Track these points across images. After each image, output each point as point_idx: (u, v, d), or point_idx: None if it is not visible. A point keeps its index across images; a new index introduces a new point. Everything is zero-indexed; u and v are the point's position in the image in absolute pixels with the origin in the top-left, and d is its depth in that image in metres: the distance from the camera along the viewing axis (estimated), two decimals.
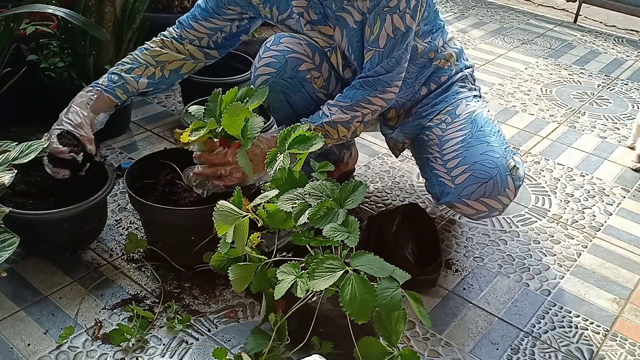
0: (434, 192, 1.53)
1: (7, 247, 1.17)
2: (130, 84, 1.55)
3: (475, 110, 1.53)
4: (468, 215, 1.48)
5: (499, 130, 1.50)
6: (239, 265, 1.16)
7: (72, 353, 1.28)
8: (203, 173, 1.38)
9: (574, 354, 1.39)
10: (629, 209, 1.95)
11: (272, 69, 1.47)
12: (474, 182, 1.40)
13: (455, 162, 1.44)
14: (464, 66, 1.63)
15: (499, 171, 1.40)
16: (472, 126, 1.48)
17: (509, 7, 3.93)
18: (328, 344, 1.22)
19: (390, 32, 1.38)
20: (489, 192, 1.40)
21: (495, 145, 1.44)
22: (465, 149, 1.44)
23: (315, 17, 1.47)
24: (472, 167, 1.41)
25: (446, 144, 1.48)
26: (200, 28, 1.57)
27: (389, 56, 1.40)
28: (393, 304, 1.03)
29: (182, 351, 1.30)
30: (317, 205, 1.11)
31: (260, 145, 1.38)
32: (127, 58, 1.58)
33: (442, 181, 1.47)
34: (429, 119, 1.56)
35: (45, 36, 1.93)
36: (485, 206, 1.43)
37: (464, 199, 1.43)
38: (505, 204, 1.44)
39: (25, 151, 1.36)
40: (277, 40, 1.49)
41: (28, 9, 1.60)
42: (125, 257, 1.55)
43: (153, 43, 1.59)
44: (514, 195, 1.44)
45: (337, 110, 1.42)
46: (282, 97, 1.50)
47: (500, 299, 1.53)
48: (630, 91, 2.80)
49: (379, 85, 1.42)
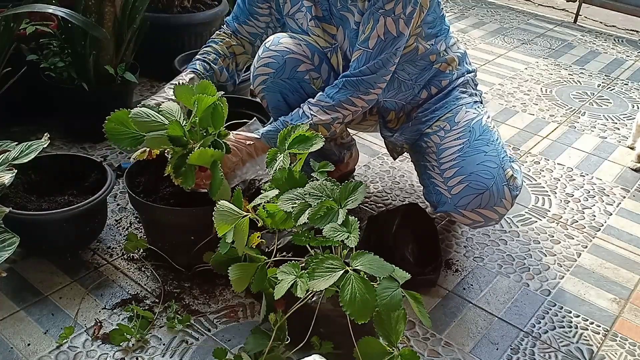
0: (431, 200, 1.53)
1: (7, 247, 1.17)
2: (216, 75, 1.59)
3: (474, 118, 1.52)
4: (465, 224, 1.49)
5: (497, 139, 1.50)
6: (239, 265, 1.16)
7: (72, 353, 1.28)
8: None
9: (574, 354, 1.39)
10: (628, 209, 1.95)
11: (270, 69, 1.48)
12: (470, 192, 1.41)
13: (452, 172, 1.44)
14: (466, 70, 1.62)
15: (495, 182, 1.40)
16: (471, 135, 1.48)
17: (509, 7, 3.93)
18: (328, 344, 1.22)
19: (381, 34, 1.38)
20: (484, 203, 1.40)
21: (492, 155, 1.44)
22: (462, 159, 1.44)
23: (321, 14, 1.48)
24: (468, 178, 1.41)
25: (444, 152, 1.48)
26: (243, 31, 1.62)
27: (377, 58, 1.39)
28: (393, 304, 1.03)
29: (182, 351, 1.30)
30: (317, 205, 1.11)
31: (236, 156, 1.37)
32: (207, 48, 1.61)
33: (439, 190, 1.48)
34: (428, 125, 1.55)
35: (45, 36, 1.93)
36: (481, 217, 1.43)
37: (460, 209, 1.43)
38: (501, 214, 1.44)
39: (25, 151, 1.36)
40: (277, 41, 1.49)
41: (28, 9, 1.60)
42: (125, 257, 1.55)
43: (220, 35, 1.63)
44: (510, 205, 1.44)
45: (319, 110, 1.42)
46: (280, 97, 1.50)
47: (500, 299, 1.53)
48: (630, 91, 2.80)
49: (362, 86, 1.42)
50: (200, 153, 1.24)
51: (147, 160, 1.55)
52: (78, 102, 1.94)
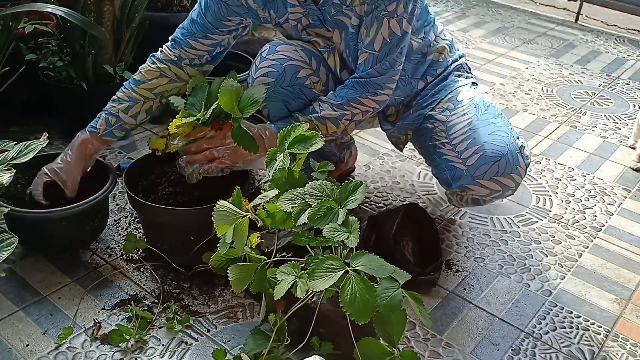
0: (445, 177, 1.52)
1: (5, 247, 1.16)
2: (129, 123, 1.52)
3: (475, 95, 1.54)
4: (482, 196, 1.48)
5: (501, 113, 1.51)
6: (238, 265, 1.16)
7: (71, 353, 1.27)
8: (196, 159, 1.40)
9: (575, 354, 1.38)
10: (630, 209, 1.94)
11: (270, 78, 1.45)
12: (486, 161, 1.41)
13: (465, 145, 1.44)
14: (458, 56, 1.64)
15: (509, 149, 1.40)
16: (477, 110, 1.49)
17: (510, 6, 3.92)
18: (328, 344, 1.21)
19: (386, 37, 1.38)
20: (502, 170, 1.40)
21: (502, 125, 1.45)
22: (473, 131, 1.45)
23: (312, 22, 1.46)
24: (482, 147, 1.41)
25: (453, 128, 1.48)
26: (200, 46, 1.50)
27: (383, 59, 1.40)
28: (393, 304, 1.03)
29: (181, 352, 1.30)
30: (317, 205, 1.10)
31: (252, 130, 1.39)
32: (122, 94, 1.51)
33: (453, 165, 1.47)
34: (430, 107, 1.56)
35: (44, 35, 1.93)
36: (500, 185, 1.43)
37: (477, 179, 1.42)
38: (517, 182, 1.45)
39: (24, 151, 1.35)
40: (273, 49, 1.47)
41: (27, 8, 1.60)
42: (125, 257, 1.54)
43: (148, 73, 1.51)
44: (524, 172, 1.45)
45: (327, 107, 1.43)
46: (283, 105, 1.49)
47: (501, 300, 1.53)
48: (632, 91, 2.79)
49: (370, 87, 1.42)
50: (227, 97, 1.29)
51: (148, 160, 1.56)
52: (77, 101, 1.94)
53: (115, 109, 1.51)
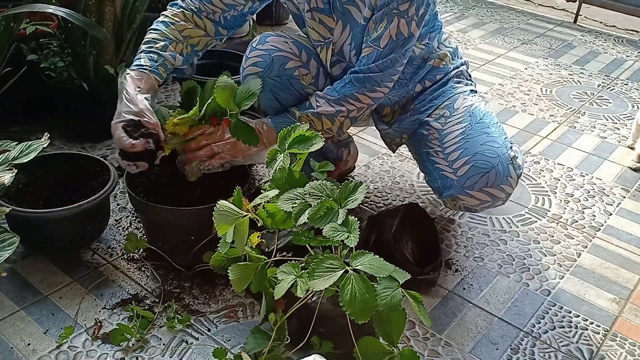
0: (436, 186, 1.53)
1: (7, 247, 1.17)
2: (169, 61, 1.48)
3: (473, 103, 1.54)
4: (472, 206, 1.48)
5: (497, 122, 1.51)
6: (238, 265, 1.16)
7: (72, 353, 1.28)
8: (196, 156, 1.40)
9: (574, 354, 1.39)
10: (628, 209, 1.95)
11: (258, 68, 1.48)
12: (476, 172, 1.41)
13: (457, 155, 1.45)
14: (460, 63, 1.65)
15: (500, 160, 1.41)
16: (471, 119, 1.49)
17: (509, 7, 3.93)
18: (328, 343, 1.22)
19: (393, 35, 1.38)
20: (491, 181, 1.41)
21: (495, 135, 1.45)
22: (466, 141, 1.45)
23: (321, 5, 1.47)
24: (473, 158, 1.42)
25: (446, 137, 1.49)
26: (218, 3, 1.50)
27: (386, 57, 1.41)
28: (393, 303, 1.03)
29: (182, 351, 1.30)
30: (317, 205, 1.11)
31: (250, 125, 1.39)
32: (154, 34, 1.48)
33: (444, 174, 1.48)
34: (427, 113, 1.56)
35: (45, 36, 1.93)
36: (489, 196, 1.43)
37: (467, 190, 1.43)
38: (508, 193, 1.45)
39: (25, 151, 1.36)
40: (263, 40, 1.50)
41: (28, 9, 1.60)
42: (125, 256, 1.55)
43: (174, 16, 1.50)
44: (515, 183, 1.45)
45: (324, 102, 1.44)
46: (271, 95, 1.50)
47: (500, 299, 1.53)
48: (630, 91, 2.80)
49: (368, 83, 1.43)
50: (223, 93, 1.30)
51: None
52: (78, 102, 1.94)
53: (154, 48, 1.47)
